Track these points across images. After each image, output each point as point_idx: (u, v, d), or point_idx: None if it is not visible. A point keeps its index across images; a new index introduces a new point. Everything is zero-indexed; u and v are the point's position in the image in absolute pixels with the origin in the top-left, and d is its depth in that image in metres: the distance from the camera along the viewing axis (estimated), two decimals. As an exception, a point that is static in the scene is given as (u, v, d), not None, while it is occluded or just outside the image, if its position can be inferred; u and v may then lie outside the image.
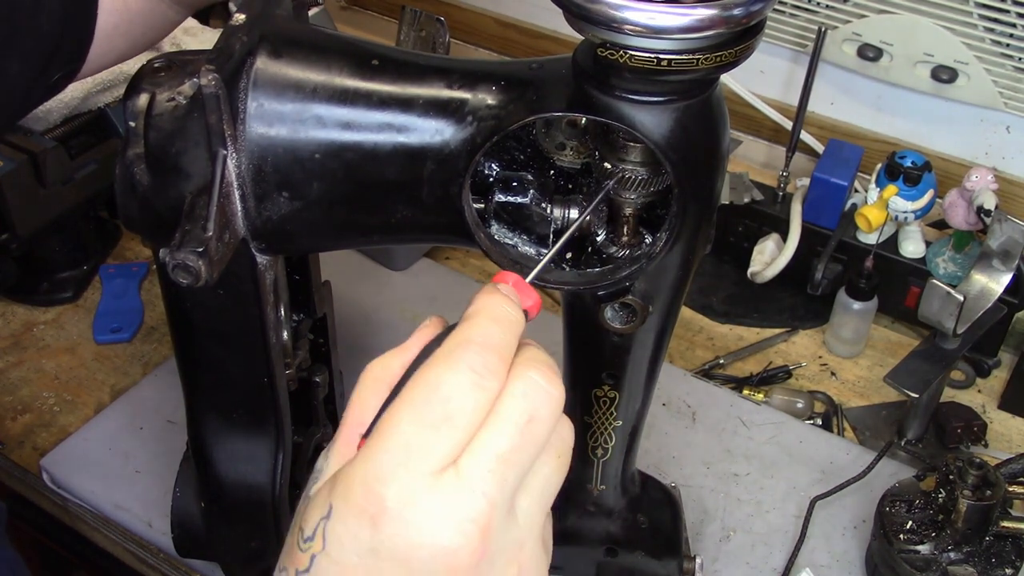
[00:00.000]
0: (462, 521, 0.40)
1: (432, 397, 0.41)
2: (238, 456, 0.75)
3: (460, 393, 0.41)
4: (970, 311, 0.90)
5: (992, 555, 0.84)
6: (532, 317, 0.47)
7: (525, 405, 0.41)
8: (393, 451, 0.40)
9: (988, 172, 1.06)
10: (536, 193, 0.60)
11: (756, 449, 1.02)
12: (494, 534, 0.41)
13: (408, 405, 0.41)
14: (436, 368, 0.41)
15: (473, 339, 0.42)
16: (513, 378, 0.42)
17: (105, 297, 1.17)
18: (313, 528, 0.42)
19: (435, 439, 0.40)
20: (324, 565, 0.41)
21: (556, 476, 0.44)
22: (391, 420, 0.41)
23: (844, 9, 1.20)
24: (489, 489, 0.40)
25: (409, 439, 0.40)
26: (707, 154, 0.56)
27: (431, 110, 0.58)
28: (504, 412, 0.41)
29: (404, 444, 0.40)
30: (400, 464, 0.40)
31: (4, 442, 1.01)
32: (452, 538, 0.40)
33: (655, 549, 0.81)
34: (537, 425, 0.42)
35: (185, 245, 0.53)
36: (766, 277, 1.17)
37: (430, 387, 0.41)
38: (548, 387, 0.42)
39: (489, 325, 0.43)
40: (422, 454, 0.40)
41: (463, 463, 0.40)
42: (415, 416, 0.41)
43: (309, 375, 0.84)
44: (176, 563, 0.90)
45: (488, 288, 0.45)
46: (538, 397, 0.42)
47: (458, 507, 0.40)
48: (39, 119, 1.10)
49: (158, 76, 0.61)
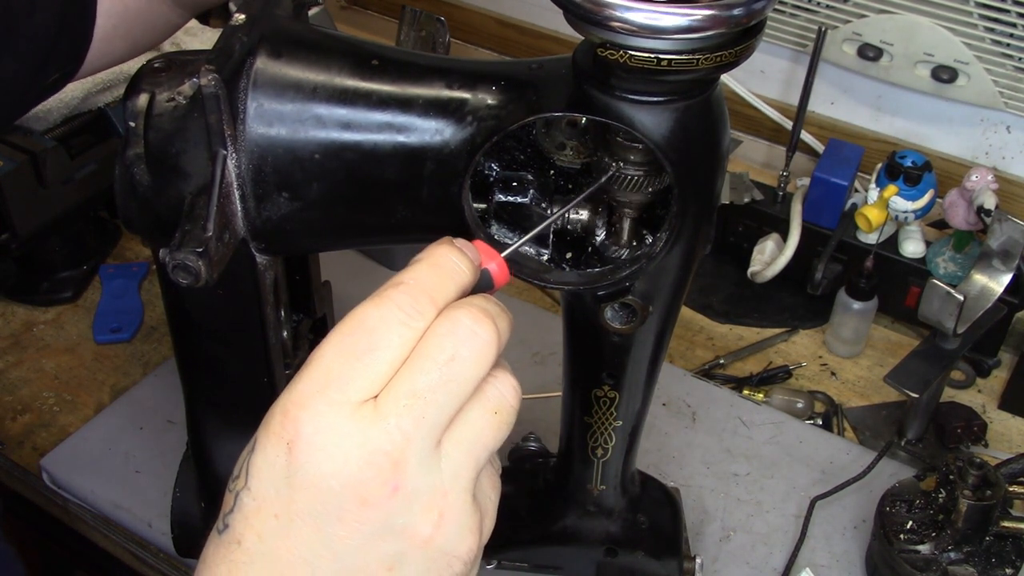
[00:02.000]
0: (374, 452, 0.40)
1: (356, 329, 0.41)
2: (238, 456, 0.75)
3: (383, 326, 0.41)
4: (970, 311, 0.90)
5: (992, 555, 0.84)
6: (499, 283, 0.47)
7: (447, 343, 0.41)
8: (314, 379, 0.41)
9: (988, 172, 1.06)
10: (536, 193, 0.60)
11: (756, 449, 1.02)
12: (410, 471, 0.40)
13: (335, 337, 0.41)
14: (365, 305, 0.42)
15: (405, 281, 0.42)
16: (441, 318, 0.42)
17: (105, 297, 1.17)
18: (240, 466, 0.42)
19: (355, 370, 0.40)
20: (246, 501, 0.41)
21: (491, 431, 0.43)
22: (317, 351, 0.41)
23: (844, 9, 1.20)
24: (404, 423, 0.40)
25: (330, 368, 0.41)
26: (707, 154, 0.56)
27: (431, 110, 0.58)
28: (424, 349, 0.41)
29: (324, 372, 0.41)
30: (318, 391, 0.40)
31: (4, 442, 1.01)
32: (363, 469, 0.40)
33: (655, 549, 0.81)
34: (460, 365, 0.41)
35: (185, 245, 0.53)
36: (766, 277, 1.17)
37: (356, 321, 0.41)
38: (474, 327, 0.42)
39: (425, 269, 0.43)
40: (340, 383, 0.40)
41: (381, 398, 0.40)
42: (339, 347, 0.41)
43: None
44: (176, 563, 0.90)
45: (443, 239, 0.46)
46: (461, 336, 0.41)
47: (371, 439, 0.40)
48: (39, 119, 1.10)
49: (158, 76, 0.61)
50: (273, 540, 0.41)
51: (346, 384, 0.40)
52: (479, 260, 0.46)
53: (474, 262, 0.45)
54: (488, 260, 0.47)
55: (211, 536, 0.44)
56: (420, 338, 0.41)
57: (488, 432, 0.43)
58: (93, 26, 0.73)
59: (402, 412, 0.40)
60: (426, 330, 0.42)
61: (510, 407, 0.44)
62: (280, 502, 0.41)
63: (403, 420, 0.40)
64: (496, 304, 0.44)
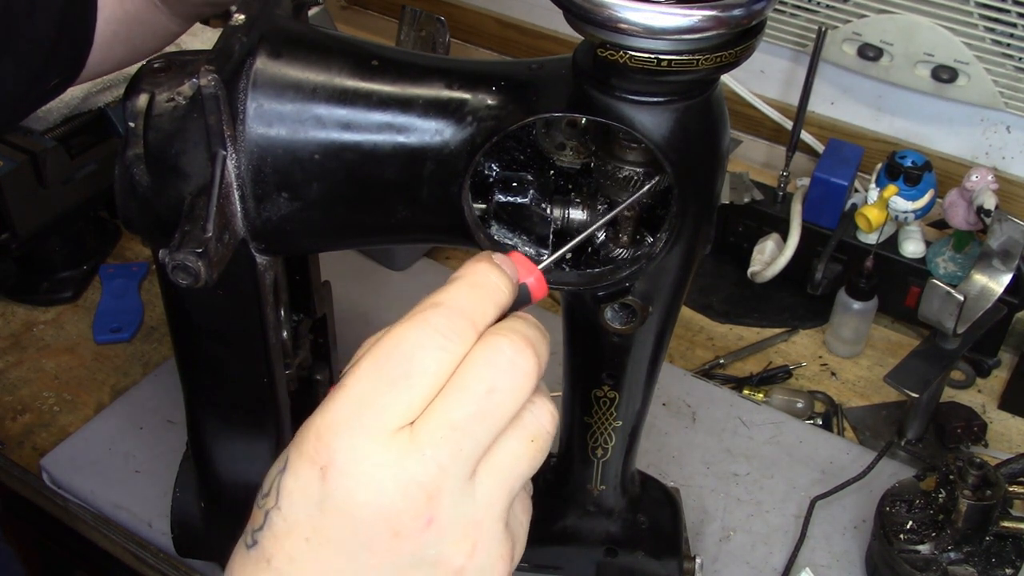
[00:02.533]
0: (409, 483, 0.39)
1: (393, 353, 0.40)
2: (238, 456, 0.75)
3: (421, 352, 0.40)
4: (970, 311, 0.90)
5: (992, 555, 0.84)
6: (537, 297, 0.46)
7: (486, 374, 0.40)
8: (349, 404, 0.39)
9: (988, 172, 1.06)
10: (536, 193, 0.60)
11: (756, 449, 1.02)
12: (444, 503, 0.40)
13: (370, 360, 0.40)
14: (402, 326, 0.41)
15: (443, 302, 0.41)
16: (480, 345, 0.41)
17: (105, 297, 1.17)
18: (270, 484, 0.41)
19: (391, 396, 0.39)
20: (276, 520, 0.41)
21: (527, 460, 0.42)
22: (353, 373, 0.40)
23: (844, 9, 1.20)
24: (440, 455, 0.39)
25: (366, 393, 0.40)
26: (707, 154, 0.56)
27: (431, 110, 0.58)
28: (463, 380, 0.40)
29: (360, 397, 0.39)
30: (353, 416, 0.39)
31: (4, 442, 1.01)
32: (397, 500, 0.39)
33: (655, 549, 0.81)
34: (499, 396, 0.40)
35: (184, 246, 0.53)
36: (766, 277, 1.17)
37: (392, 344, 0.40)
38: (515, 357, 0.40)
39: (464, 289, 0.42)
40: (376, 409, 0.39)
41: (417, 426, 0.39)
42: (375, 371, 0.40)
43: (309, 374, 0.84)
44: (176, 563, 0.90)
45: (480, 255, 0.44)
46: (501, 367, 0.40)
47: (406, 469, 0.39)
48: (39, 119, 1.10)
49: (158, 76, 0.61)
50: (303, 563, 0.40)
51: (382, 410, 0.39)
52: (517, 275, 0.45)
53: (512, 278, 0.44)
54: (525, 274, 0.45)
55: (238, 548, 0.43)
56: (459, 363, 0.40)
57: (524, 460, 0.42)
58: (94, 31, 0.73)
59: (439, 444, 0.39)
60: (465, 355, 0.40)
61: (547, 434, 0.43)
62: (311, 526, 0.40)
63: (440, 452, 0.39)
64: (536, 327, 0.42)
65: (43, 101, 0.76)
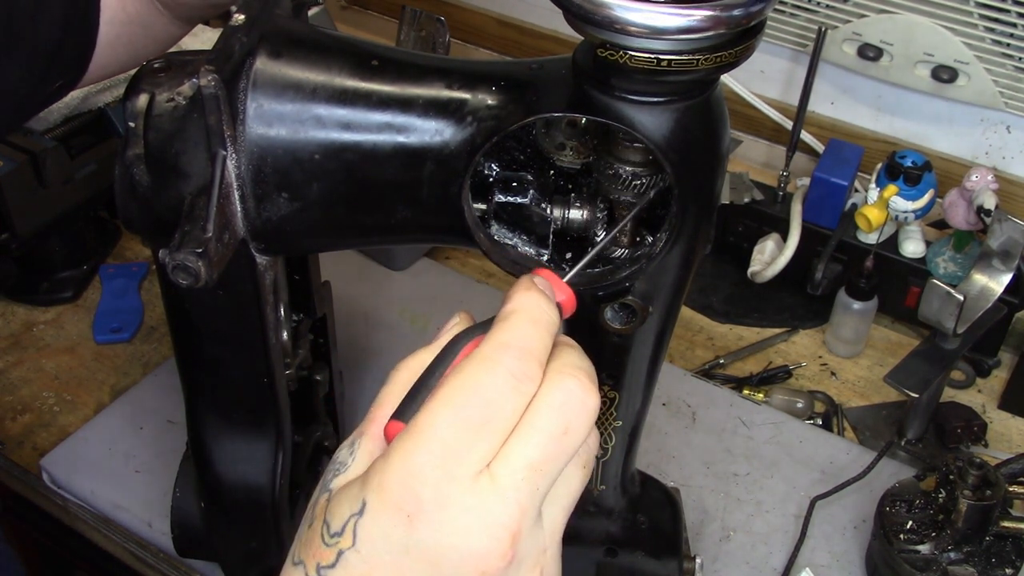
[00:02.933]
0: (494, 526, 0.40)
1: (471, 400, 0.41)
2: (238, 456, 0.75)
3: (499, 397, 0.41)
4: (970, 311, 0.90)
5: (992, 555, 0.84)
6: (567, 314, 0.47)
7: (561, 416, 0.42)
8: (432, 451, 0.40)
9: (988, 172, 1.06)
10: (536, 193, 0.60)
11: (756, 449, 1.02)
12: (523, 540, 0.41)
13: (446, 405, 0.41)
14: (475, 370, 0.42)
15: (512, 343, 0.42)
16: (551, 386, 0.42)
17: (105, 297, 1.17)
18: (343, 524, 0.42)
19: (473, 442, 0.41)
20: (353, 561, 0.41)
21: (580, 484, 0.45)
22: (429, 419, 0.41)
23: (844, 9, 1.20)
24: (521, 497, 0.41)
25: (447, 440, 0.41)
26: (707, 154, 0.56)
27: (431, 110, 0.58)
28: (540, 422, 0.41)
29: (442, 445, 0.41)
30: (438, 465, 0.40)
31: (4, 442, 1.01)
32: (484, 543, 0.40)
33: (655, 549, 0.81)
34: (571, 436, 0.42)
35: (184, 246, 0.53)
36: (766, 277, 1.17)
37: (469, 389, 0.41)
38: (585, 398, 0.42)
39: (527, 327, 0.43)
40: (460, 456, 0.41)
41: (497, 469, 0.41)
42: (453, 417, 0.41)
43: (310, 374, 0.84)
44: (176, 563, 0.90)
45: (525, 283, 0.45)
46: (575, 408, 0.42)
47: (491, 513, 0.40)
48: (39, 119, 1.10)
49: (158, 76, 0.61)
50: None
51: (464, 457, 0.41)
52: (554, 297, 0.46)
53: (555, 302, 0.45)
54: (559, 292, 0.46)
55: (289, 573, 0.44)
56: (530, 401, 0.42)
57: (577, 486, 0.44)
58: (97, 33, 0.73)
59: (520, 486, 0.41)
60: (535, 393, 0.42)
61: (593, 456, 0.45)
62: (395, 569, 0.41)
63: (521, 494, 0.41)
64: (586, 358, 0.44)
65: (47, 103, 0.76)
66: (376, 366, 1.07)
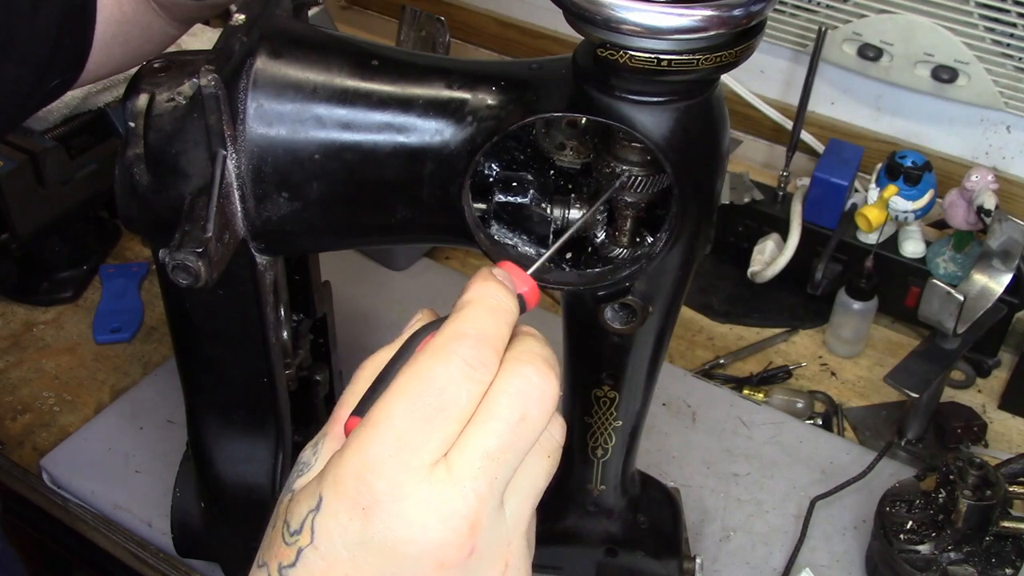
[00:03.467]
0: (451, 516, 0.40)
1: (425, 389, 0.40)
2: (238, 456, 0.75)
3: (453, 386, 0.40)
4: (970, 311, 0.90)
5: (992, 555, 0.84)
6: (531, 306, 0.46)
7: (518, 403, 0.41)
8: (386, 442, 0.40)
9: (988, 172, 1.06)
10: (536, 193, 0.60)
11: (756, 449, 1.02)
12: (483, 531, 0.41)
13: (401, 396, 0.41)
14: (429, 360, 0.41)
15: (467, 332, 0.42)
16: (507, 373, 0.42)
17: (105, 297, 1.17)
18: (301, 521, 0.41)
19: (427, 432, 0.40)
20: (312, 559, 0.41)
21: (544, 476, 0.44)
22: (384, 410, 0.41)
23: (844, 9, 1.20)
24: (479, 486, 0.40)
25: (401, 431, 0.40)
26: (707, 154, 0.56)
27: (431, 110, 0.58)
28: (496, 409, 0.41)
29: (396, 436, 0.40)
30: (392, 456, 0.40)
31: (4, 442, 1.01)
32: (441, 533, 0.40)
33: (655, 549, 0.81)
34: (529, 423, 0.41)
35: (185, 246, 0.53)
36: (766, 277, 1.17)
37: (423, 379, 0.41)
38: (543, 384, 0.42)
39: (483, 315, 0.42)
40: (414, 447, 0.40)
41: (453, 458, 0.40)
42: (408, 408, 0.40)
43: (309, 374, 0.84)
44: (176, 563, 0.90)
45: (483, 273, 0.45)
46: (532, 395, 0.41)
47: (448, 503, 0.40)
48: (39, 119, 1.10)
49: (158, 76, 0.61)
50: None
51: (419, 447, 0.40)
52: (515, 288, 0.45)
53: (514, 293, 0.45)
54: (520, 284, 0.46)
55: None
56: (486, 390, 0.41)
57: (542, 476, 0.44)
58: (93, 32, 0.73)
59: (477, 475, 0.40)
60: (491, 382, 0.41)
61: (559, 448, 0.44)
62: (352, 565, 0.40)
63: (478, 483, 0.40)
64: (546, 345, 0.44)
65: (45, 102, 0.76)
66: (376, 366, 1.07)
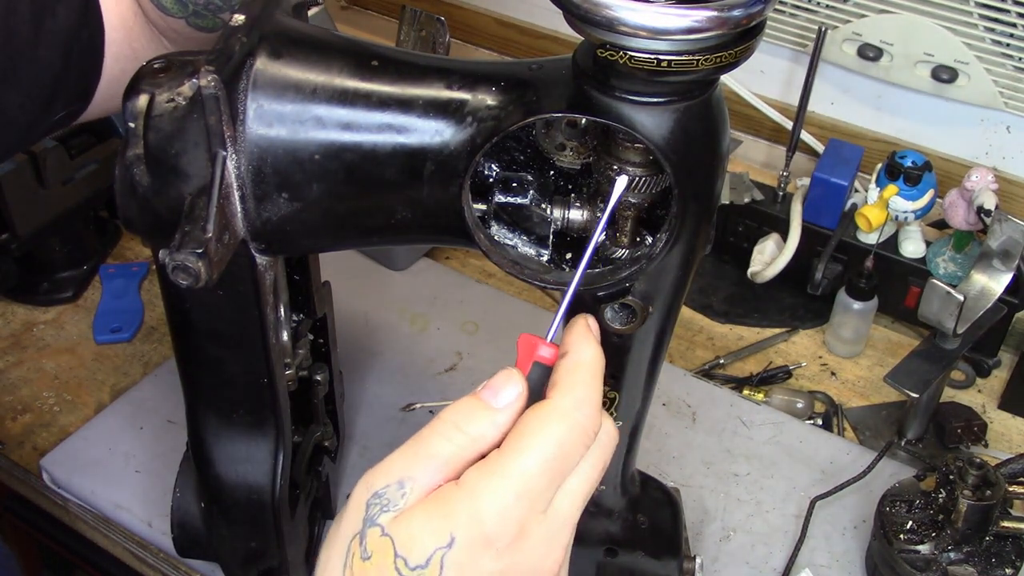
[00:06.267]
0: (559, 548, 0.50)
1: (555, 453, 0.49)
2: (238, 456, 0.75)
3: (574, 451, 0.51)
4: (970, 311, 0.90)
5: (992, 555, 0.84)
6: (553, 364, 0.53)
7: (603, 453, 0.53)
8: (521, 495, 0.48)
9: (988, 172, 1.06)
10: (536, 194, 0.60)
11: (756, 449, 1.02)
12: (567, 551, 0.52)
13: (536, 456, 0.49)
14: (559, 427, 0.50)
15: (585, 400, 0.51)
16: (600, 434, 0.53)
17: (105, 297, 1.17)
18: (427, 556, 0.47)
19: (552, 487, 0.50)
20: None
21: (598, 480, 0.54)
22: (520, 466, 0.48)
23: (844, 9, 1.20)
24: (573, 520, 0.51)
25: (533, 487, 0.48)
26: (707, 155, 0.56)
27: (431, 111, 0.58)
28: (592, 458, 0.52)
29: (528, 489, 0.48)
30: (525, 506, 0.48)
31: (4, 442, 1.02)
32: (553, 563, 0.50)
33: (655, 549, 0.81)
34: (607, 465, 0.54)
35: (184, 246, 0.53)
36: (766, 277, 1.17)
37: (553, 444, 0.49)
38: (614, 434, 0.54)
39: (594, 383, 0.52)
40: (541, 497, 0.49)
41: (558, 502, 0.50)
42: (542, 468, 0.49)
43: (309, 374, 0.84)
44: (176, 563, 0.90)
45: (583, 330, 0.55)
46: (608, 445, 0.54)
47: (557, 537, 0.50)
48: (39, 119, 1.10)
49: (158, 77, 0.61)
50: None
51: (543, 497, 0.49)
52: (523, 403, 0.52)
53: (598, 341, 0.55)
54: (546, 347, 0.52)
55: None
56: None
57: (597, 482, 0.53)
58: (101, 65, 0.73)
59: (574, 513, 0.51)
60: None
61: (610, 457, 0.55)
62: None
63: (573, 518, 0.51)
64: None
65: (50, 132, 0.75)
66: (376, 366, 1.07)
